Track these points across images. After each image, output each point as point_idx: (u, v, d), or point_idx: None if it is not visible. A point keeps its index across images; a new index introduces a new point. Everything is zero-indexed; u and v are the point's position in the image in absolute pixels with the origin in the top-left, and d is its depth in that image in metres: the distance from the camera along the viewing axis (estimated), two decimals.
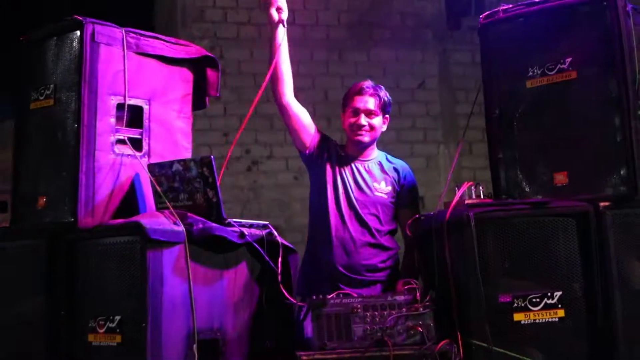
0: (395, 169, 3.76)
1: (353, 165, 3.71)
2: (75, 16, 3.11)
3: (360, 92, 3.71)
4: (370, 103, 3.69)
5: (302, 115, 3.73)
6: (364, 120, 3.67)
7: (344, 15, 7.50)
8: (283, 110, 3.71)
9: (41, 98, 3.19)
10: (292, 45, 7.20)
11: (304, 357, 2.86)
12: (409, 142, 7.30)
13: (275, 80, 3.66)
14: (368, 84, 3.74)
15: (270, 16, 3.63)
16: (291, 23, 7.25)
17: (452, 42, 7.50)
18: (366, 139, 3.69)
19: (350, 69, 7.35)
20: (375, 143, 3.79)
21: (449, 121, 7.40)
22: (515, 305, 2.94)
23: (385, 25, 7.55)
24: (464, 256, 2.95)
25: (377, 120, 3.71)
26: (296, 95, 3.75)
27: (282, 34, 3.63)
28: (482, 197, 3.16)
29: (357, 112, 3.70)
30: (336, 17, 7.48)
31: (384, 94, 3.74)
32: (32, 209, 3.18)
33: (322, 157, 3.73)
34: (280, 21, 3.62)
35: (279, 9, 3.62)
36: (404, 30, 7.54)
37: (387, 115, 3.77)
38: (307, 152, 3.73)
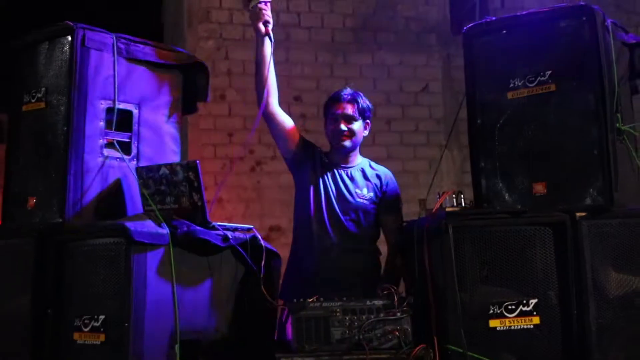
0: (378, 176, 3.83)
1: (336, 171, 3.78)
2: (67, 22, 3.18)
3: (339, 99, 3.78)
4: (349, 109, 3.76)
5: (286, 122, 3.80)
6: (343, 126, 3.75)
7: (349, 18, 7.57)
8: (269, 118, 3.77)
9: (33, 101, 3.27)
10: (297, 48, 7.27)
11: (283, 359, 2.93)
12: (412, 145, 7.35)
13: (263, 88, 3.72)
14: (346, 91, 3.82)
15: (257, 29, 3.67)
16: (296, 25, 7.40)
17: (455, 46, 7.54)
18: (347, 144, 3.76)
19: (354, 72, 7.42)
20: (358, 149, 3.85)
21: (452, 125, 7.46)
22: (491, 312, 2.99)
23: (389, 29, 7.62)
24: (442, 263, 3.01)
25: (357, 126, 3.78)
26: (300, 97, 3.82)
27: (269, 46, 3.68)
28: (463, 205, 3.23)
29: (336, 119, 3.77)
30: (341, 21, 7.55)
31: (362, 100, 3.80)
32: (23, 209, 3.26)
33: (306, 163, 3.80)
34: (267, 34, 3.67)
35: (266, 22, 3.66)
36: (408, 34, 7.60)
37: (367, 121, 3.84)
38: (291, 158, 3.81)
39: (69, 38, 3.16)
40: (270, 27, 3.68)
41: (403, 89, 7.57)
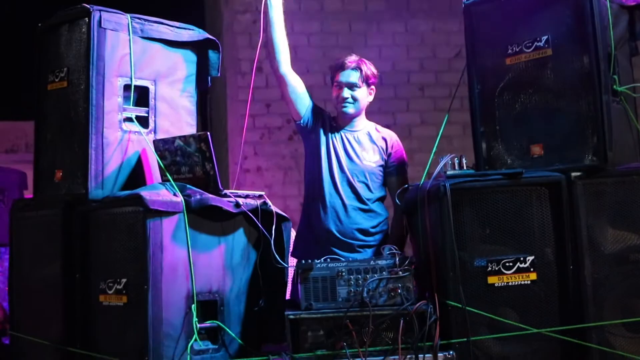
0: (383, 138, 3.96)
1: (343, 135, 3.92)
2: (84, 4, 3.36)
3: (343, 66, 3.92)
4: (353, 77, 3.89)
5: (298, 85, 3.94)
6: (346, 92, 3.88)
7: None
8: (280, 80, 3.93)
9: (56, 80, 3.46)
10: (331, 18, 7.36)
11: (291, 317, 3.11)
12: (445, 110, 7.44)
13: (272, 51, 3.86)
14: (351, 58, 3.94)
15: None
16: None
17: None
18: (350, 110, 3.90)
19: (388, 40, 7.51)
20: (363, 114, 3.99)
21: (455, 90, 7.51)
22: (490, 269, 3.14)
23: None
24: (441, 224, 3.15)
25: (360, 93, 3.91)
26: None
27: (278, 3, 3.77)
28: (465, 167, 3.36)
29: (340, 86, 3.91)
30: None
31: (367, 67, 3.92)
32: (50, 182, 3.47)
33: (316, 126, 3.94)
34: None
35: None
36: (440, 1, 7.64)
37: (372, 87, 3.97)
38: (302, 121, 3.95)
39: (87, 20, 3.33)
40: None
41: (436, 55, 7.64)
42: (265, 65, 7.53)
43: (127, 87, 3.42)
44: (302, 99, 3.94)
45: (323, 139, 3.91)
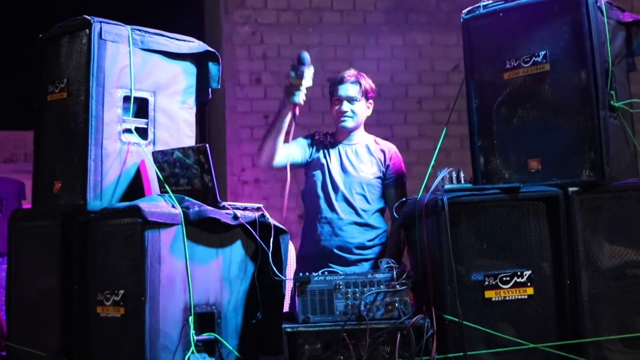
0: (382, 150, 3.99)
1: (341, 149, 3.95)
2: (85, 16, 3.38)
3: (342, 80, 3.95)
4: (352, 90, 3.92)
5: (293, 156, 3.95)
6: (345, 106, 3.91)
7: (380, 0, 7.68)
8: (278, 168, 3.97)
9: (56, 91, 3.46)
10: (330, 31, 7.41)
11: (289, 330, 3.12)
12: (443, 123, 7.47)
13: (269, 154, 3.89)
14: (350, 72, 3.97)
15: (291, 99, 3.78)
16: (329, 8, 7.53)
17: None
18: (349, 124, 3.93)
19: (386, 53, 7.55)
20: (362, 127, 4.01)
21: (453, 103, 7.55)
22: (487, 283, 3.15)
23: (420, 9, 7.71)
24: (439, 237, 3.16)
25: (359, 106, 3.94)
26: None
27: (289, 122, 3.85)
28: (463, 181, 3.37)
29: (339, 100, 3.93)
30: (372, 3, 7.67)
31: (366, 81, 3.95)
32: (50, 192, 3.47)
33: (316, 152, 4.00)
34: (294, 114, 3.80)
35: (298, 104, 3.79)
36: (439, 14, 7.68)
37: (370, 101, 3.99)
38: (308, 158, 4.03)
39: (87, 31, 3.33)
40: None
41: (434, 68, 7.68)
42: (264, 77, 7.61)
43: (126, 99, 3.43)
44: (301, 153, 4.01)
45: (318, 156, 3.95)
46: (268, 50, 7.44)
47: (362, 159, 3.94)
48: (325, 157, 3.92)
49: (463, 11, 3.51)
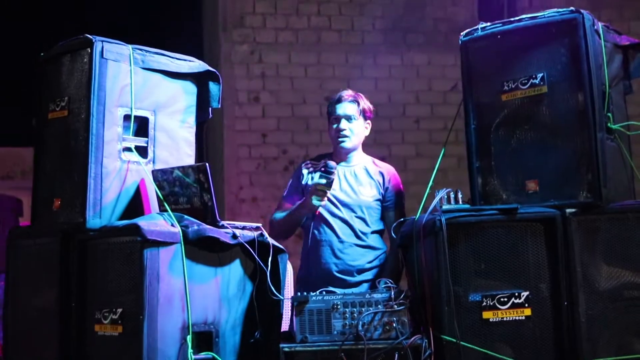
0: (381, 173, 3.99)
1: (339, 170, 3.94)
2: (87, 35, 3.40)
3: (340, 99, 3.95)
4: (350, 109, 3.93)
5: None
6: (343, 124, 3.92)
7: (379, 21, 7.74)
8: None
9: (57, 109, 3.47)
10: (328, 50, 7.46)
11: (286, 349, 3.12)
12: (441, 143, 7.51)
13: (280, 236, 3.89)
14: (347, 92, 3.98)
15: (317, 203, 3.79)
16: (327, 28, 7.58)
17: None
18: (348, 145, 3.93)
19: (384, 73, 7.61)
20: (360, 148, 4.02)
21: (452, 124, 7.60)
22: (484, 304, 3.16)
23: (418, 30, 7.78)
24: (437, 258, 3.17)
25: (357, 125, 3.95)
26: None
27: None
28: (461, 202, 3.39)
29: (337, 119, 3.94)
30: (371, 23, 7.73)
31: (363, 101, 3.97)
32: (49, 210, 3.47)
33: (309, 181, 3.99)
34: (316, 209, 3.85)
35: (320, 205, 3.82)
36: (437, 35, 7.74)
37: (368, 121, 4.01)
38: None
39: (89, 50, 3.35)
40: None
41: (432, 88, 7.73)
42: (262, 96, 7.64)
43: (127, 117, 3.44)
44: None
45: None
46: (267, 69, 7.49)
47: (361, 182, 3.95)
48: None
49: (461, 33, 3.53)
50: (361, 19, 7.74)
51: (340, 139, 3.93)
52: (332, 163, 3.74)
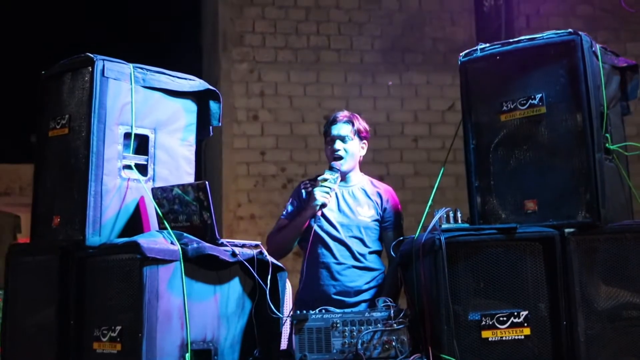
0: (379, 193, 4.00)
1: (337, 192, 3.95)
2: (88, 54, 3.42)
3: (334, 120, 3.97)
4: (344, 129, 3.94)
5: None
6: (338, 144, 3.93)
7: (378, 40, 7.80)
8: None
9: (57, 127, 3.49)
10: (327, 69, 7.53)
11: None
12: (439, 162, 7.54)
13: (281, 250, 3.94)
14: (343, 113, 4.00)
15: (321, 199, 3.81)
16: (326, 48, 7.64)
17: None
18: (344, 167, 3.94)
19: (383, 92, 7.67)
20: (357, 168, 4.03)
21: (451, 143, 7.64)
22: (484, 323, 3.16)
23: (417, 50, 7.85)
24: (436, 277, 3.18)
25: (352, 145, 3.95)
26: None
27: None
28: (459, 221, 3.40)
29: (332, 140, 3.95)
30: (370, 43, 7.78)
31: (359, 122, 3.98)
32: (48, 227, 3.47)
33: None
34: (314, 216, 3.86)
35: (323, 206, 3.84)
36: (435, 54, 7.81)
37: (364, 141, 4.02)
38: None
39: (90, 69, 3.38)
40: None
41: (430, 108, 7.78)
42: (261, 114, 7.67)
43: (127, 135, 3.46)
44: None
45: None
46: (265, 87, 7.53)
47: (359, 202, 3.96)
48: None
49: (461, 54, 3.55)
50: (360, 38, 7.80)
51: (335, 160, 3.93)
52: (335, 163, 3.81)
